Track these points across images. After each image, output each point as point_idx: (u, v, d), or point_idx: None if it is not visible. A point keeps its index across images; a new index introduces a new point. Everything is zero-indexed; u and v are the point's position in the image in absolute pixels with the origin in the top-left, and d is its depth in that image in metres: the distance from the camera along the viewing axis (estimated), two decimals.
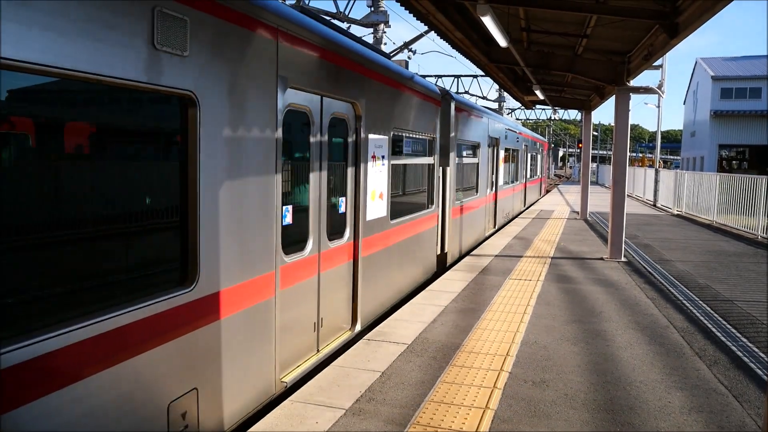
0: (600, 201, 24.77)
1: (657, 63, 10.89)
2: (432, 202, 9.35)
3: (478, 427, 4.06)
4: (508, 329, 6.36)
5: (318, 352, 5.48)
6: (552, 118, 53.47)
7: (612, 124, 15.41)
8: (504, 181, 16.51)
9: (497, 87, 33.78)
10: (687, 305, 7.66)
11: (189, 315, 3.55)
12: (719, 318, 7.06)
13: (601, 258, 11.21)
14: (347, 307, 6.15)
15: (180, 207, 3.58)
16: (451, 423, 4.12)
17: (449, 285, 8.53)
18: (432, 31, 10.53)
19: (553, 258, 11.06)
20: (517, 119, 45.29)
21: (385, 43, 15.34)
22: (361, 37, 7.68)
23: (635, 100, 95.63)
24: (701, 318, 7.06)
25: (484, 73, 15.60)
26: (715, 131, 38.76)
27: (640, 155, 62.13)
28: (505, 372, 5.11)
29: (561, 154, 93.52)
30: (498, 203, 15.51)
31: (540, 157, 27.60)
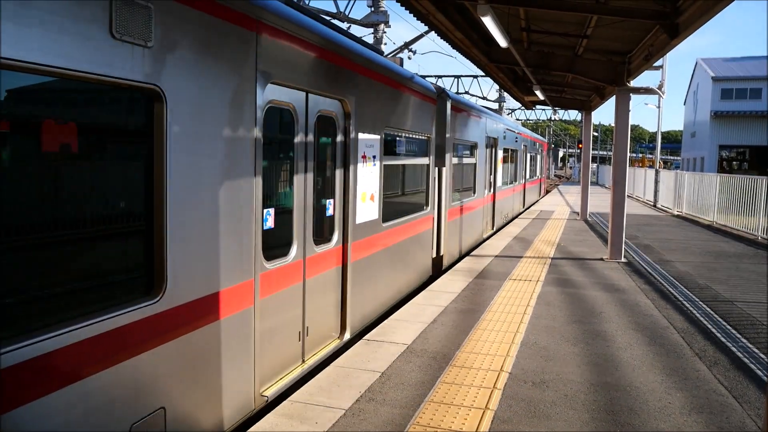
0: (600, 201, 24.77)
1: (657, 63, 10.91)
2: (427, 203, 9.11)
3: (477, 428, 4.06)
4: (508, 330, 6.35)
5: (303, 362, 5.24)
6: (552, 118, 53.52)
7: (612, 124, 15.41)
8: (502, 182, 16.35)
9: (497, 87, 33.79)
10: (687, 306, 7.66)
11: (155, 328, 3.29)
12: (719, 319, 7.06)
13: (601, 258, 11.20)
14: (335, 315, 5.89)
15: (145, 210, 3.33)
16: (451, 423, 4.11)
17: (449, 285, 8.53)
18: (432, 32, 10.53)
19: (553, 258, 11.06)
20: (517, 119, 45.29)
21: (386, 43, 15.34)
22: (361, 37, 7.62)
23: (635, 100, 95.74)
24: (701, 319, 7.05)
25: (484, 74, 15.60)
26: (716, 132, 38.76)
27: (640, 156, 62.15)
28: (505, 372, 5.11)
29: (561, 154, 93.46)
30: (496, 204, 15.35)
31: (539, 158, 27.47)
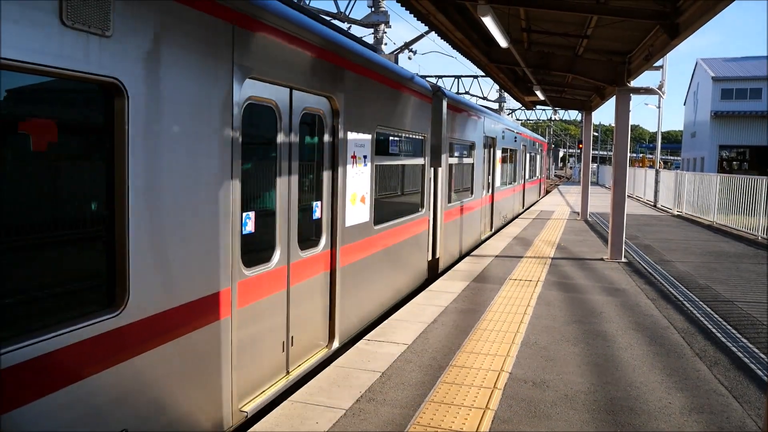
0: (600, 201, 24.76)
1: (657, 63, 10.91)
2: (422, 205, 8.84)
3: (478, 428, 4.06)
4: (508, 330, 6.35)
5: (288, 374, 4.97)
6: (552, 118, 53.51)
7: (612, 124, 15.40)
8: (501, 183, 16.17)
9: (497, 87, 33.80)
10: (687, 306, 7.66)
11: (116, 344, 3.02)
12: (719, 319, 7.06)
13: (602, 258, 11.20)
14: (323, 323, 5.64)
15: (104, 215, 3.06)
16: (452, 423, 4.12)
17: (450, 286, 8.53)
18: (432, 32, 10.53)
19: (554, 258, 11.06)
20: (518, 120, 45.28)
21: (386, 44, 15.33)
22: (362, 38, 7.58)
23: (636, 100, 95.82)
24: (701, 319, 7.05)
25: (484, 74, 15.60)
26: (716, 132, 38.76)
27: (640, 156, 62.13)
28: (505, 372, 5.11)
29: (561, 154, 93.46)
30: (495, 205, 15.18)
31: (539, 158, 27.36)
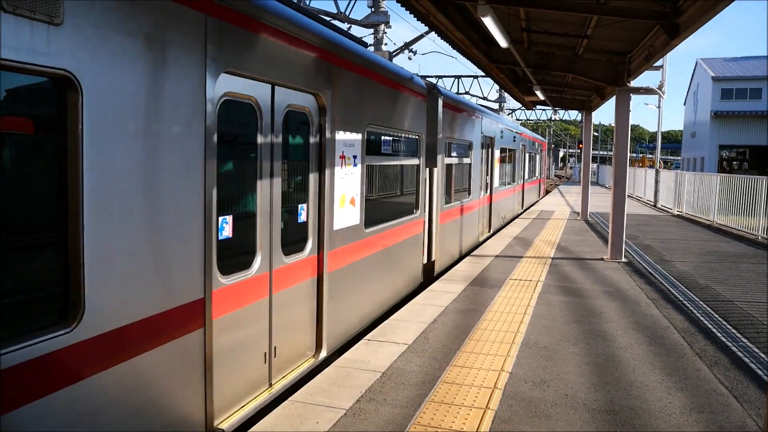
0: (600, 201, 24.77)
1: (657, 63, 10.91)
2: (417, 206, 8.57)
3: (478, 428, 4.06)
4: (508, 330, 6.36)
5: (271, 386, 4.70)
6: (552, 118, 53.51)
7: (612, 124, 15.40)
8: (500, 183, 15.98)
9: (498, 87, 33.81)
10: (687, 306, 7.66)
11: (69, 364, 2.76)
12: (720, 318, 7.06)
13: (602, 258, 11.21)
14: (310, 331, 5.36)
15: (56, 221, 2.80)
16: (452, 423, 4.12)
17: (450, 286, 8.53)
18: (432, 32, 10.54)
19: (554, 258, 11.06)
20: (518, 119, 45.30)
21: (386, 44, 15.34)
22: (362, 38, 7.54)
23: (636, 100, 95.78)
24: (702, 318, 7.05)
25: (484, 74, 15.60)
26: (716, 132, 38.77)
27: (640, 156, 62.16)
28: (506, 372, 5.11)
29: (561, 154, 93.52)
30: (493, 206, 14.99)
31: (539, 158, 27.24)
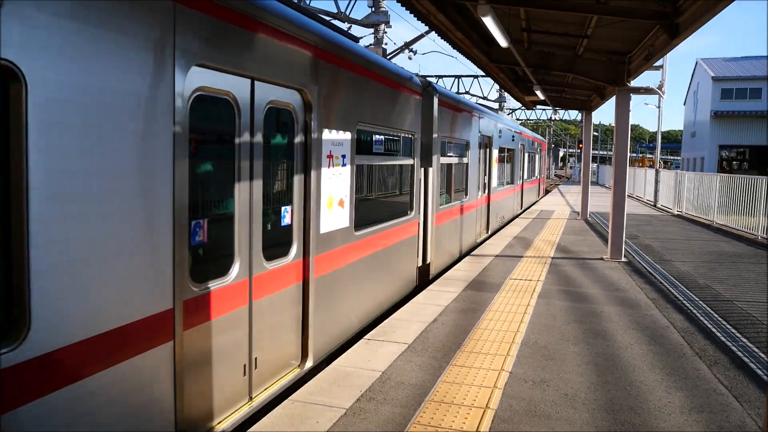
0: (600, 201, 24.77)
1: (657, 63, 10.91)
2: (411, 208, 8.30)
3: (478, 427, 4.07)
4: (508, 329, 6.36)
5: (251, 400, 4.43)
6: (552, 118, 53.52)
7: (612, 124, 15.41)
8: (498, 183, 15.80)
9: (498, 87, 33.81)
10: (687, 305, 7.67)
11: (13, 385, 2.51)
12: (719, 318, 7.07)
13: (602, 258, 11.21)
14: (295, 340, 5.09)
15: None
16: (452, 423, 4.12)
17: (450, 285, 8.53)
18: (433, 32, 10.54)
19: (554, 258, 11.07)
20: (518, 119, 45.32)
21: (386, 43, 15.35)
22: (362, 38, 7.48)
23: (636, 100, 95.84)
24: (701, 318, 7.06)
25: (484, 74, 15.60)
26: (716, 132, 38.78)
27: (640, 155, 62.17)
28: (506, 372, 5.12)
29: (561, 154, 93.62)
30: (491, 206, 14.80)
31: (538, 158, 27.11)
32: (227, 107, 4.08)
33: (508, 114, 36.41)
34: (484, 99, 32.11)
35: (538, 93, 16.14)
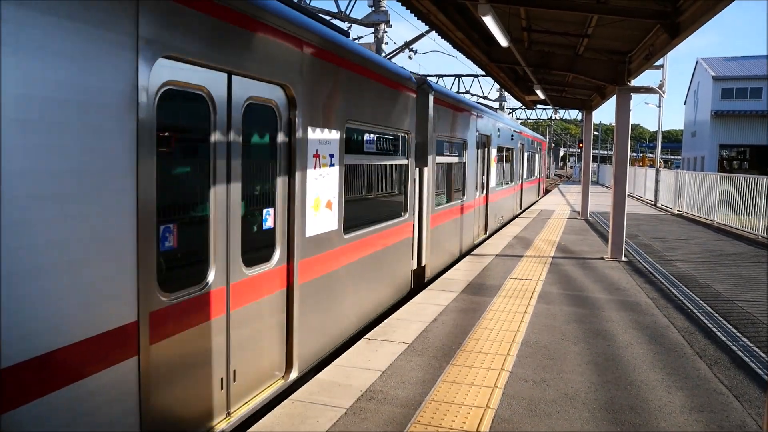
0: (601, 201, 24.77)
1: (658, 63, 10.89)
2: (405, 209, 8.05)
3: (478, 427, 4.07)
4: (508, 329, 6.36)
5: (229, 415, 4.19)
6: (553, 117, 53.51)
7: (613, 123, 15.41)
8: (497, 183, 15.39)
9: (498, 87, 33.82)
10: (687, 305, 7.67)
11: None
12: (720, 318, 7.07)
13: (602, 258, 11.21)
14: (279, 350, 4.83)
15: None
16: (452, 422, 4.12)
17: (450, 285, 8.53)
18: (433, 31, 10.55)
19: (554, 258, 11.07)
20: (518, 119, 45.31)
21: (386, 43, 15.35)
22: (362, 37, 7.44)
23: (636, 99, 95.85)
24: (702, 318, 7.06)
25: (484, 73, 15.60)
26: (716, 131, 38.78)
27: (640, 155, 62.13)
28: (506, 371, 5.12)
29: (562, 153, 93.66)
30: (489, 207, 14.43)
31: (538, 157, 26.98)
32: (201, 103, 3.82)
33: (508, 113, 36.39)
34: (484, 98, 32.10)
35: (538, 92, 16.14)
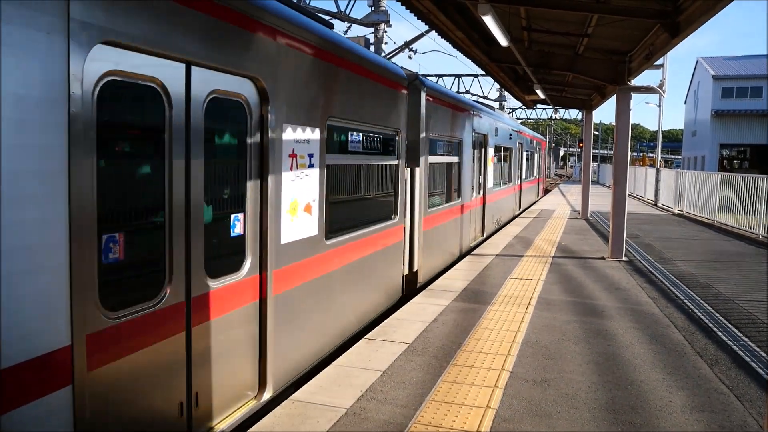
0: (601, 200, 24.76)
1: (658, 62, 10.89)
2: (396, 211, 7.68)
3: (479, 427, 4.06)
4: (509, 329, 6.36)
5: None
6: (553, 117, 53.51)
7: (613, 123, 15.41)
8: (494, 183, 15.00)
9: (498, 86, 33.82)
10: (688, 305, 7.66)
11: None
12: (720, 317, 7.06)
13: (602, 257, 11.20)
14: (251, 368, 4.42)
15: None
16: (453, 422, 4.12)
17: (451, 284, 8.53)
18: (433, 31, 10.54)
19: (554, 257, 11.06)
20: (518, 118, 45.28)
21: (386, 43, 15.36)
22: (361, 36, 7.37)
23: (636, 99, 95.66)
24: (702, 317, 7.05)
25: (485, 73, 15.59)
26: (716, 131, 38.77)
27: (641, 154, 62.14)
28: (506, 371, 5.12)
29: (562, 153, 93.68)
30: (487, 208, 14.00)
31: (537, 157, 26.81)
32: (154, 97, 3.41)
33: (508, 113, 36.39)
34: (484, 98, 32.09)
35: (538, 92, 16.14)
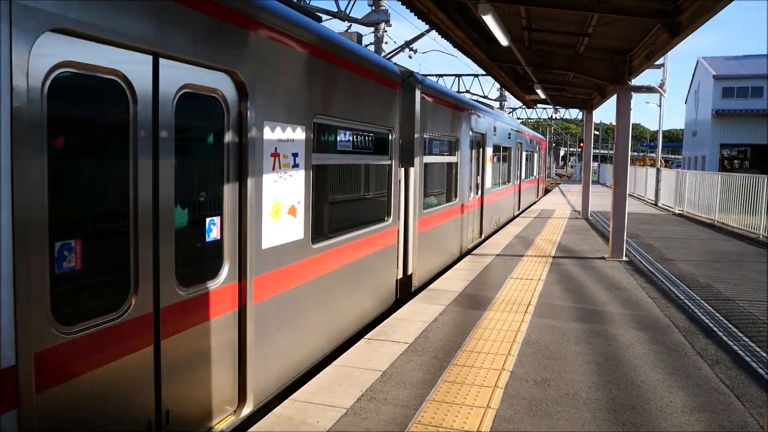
0: (601, 200, 24.75)
1: (658, 62, 10.89)
2: (389, 213, 7.42)
3: (479, 427, 4.06)
4: (509, 328, 6.35)
5: None
6: (553, 117, 53.50)
7: (613, 123, 15.40)
8: (493, 183, 14.73)
9: (498, 86, 33.81)
10: (688, 304, 7.65)
11: None
12: (721, 317, 7.05)
13: (603, 257, 11.20)
14: (230, 381, 4.18)
15: None
16: (453, 422, 4.12)
17: (452, 284, 8.52)
18: (433, 30, 10.54)
19: (555, 257, 11.06)
20: (518, 118, 45.27)
21: (386, 42, 15.35)
22: (362, 36, 7.30)
23: (637, 99, 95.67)
24: (703, 317, 7.05)
25: (485, 73, 15.59)
26: (717, 130, 38.75)
27: (641, 154, 62.13)
28: (507, 371, 5.11)
29: (562, 153, 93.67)
30: (485, 209, 13.75)
31: (537, 156, 26.64)
32: (116, 92, 3.13)
33: (508, 113, 36.38)
34: (484, 98, 32.07)
35: (538, 92, 16.14)
